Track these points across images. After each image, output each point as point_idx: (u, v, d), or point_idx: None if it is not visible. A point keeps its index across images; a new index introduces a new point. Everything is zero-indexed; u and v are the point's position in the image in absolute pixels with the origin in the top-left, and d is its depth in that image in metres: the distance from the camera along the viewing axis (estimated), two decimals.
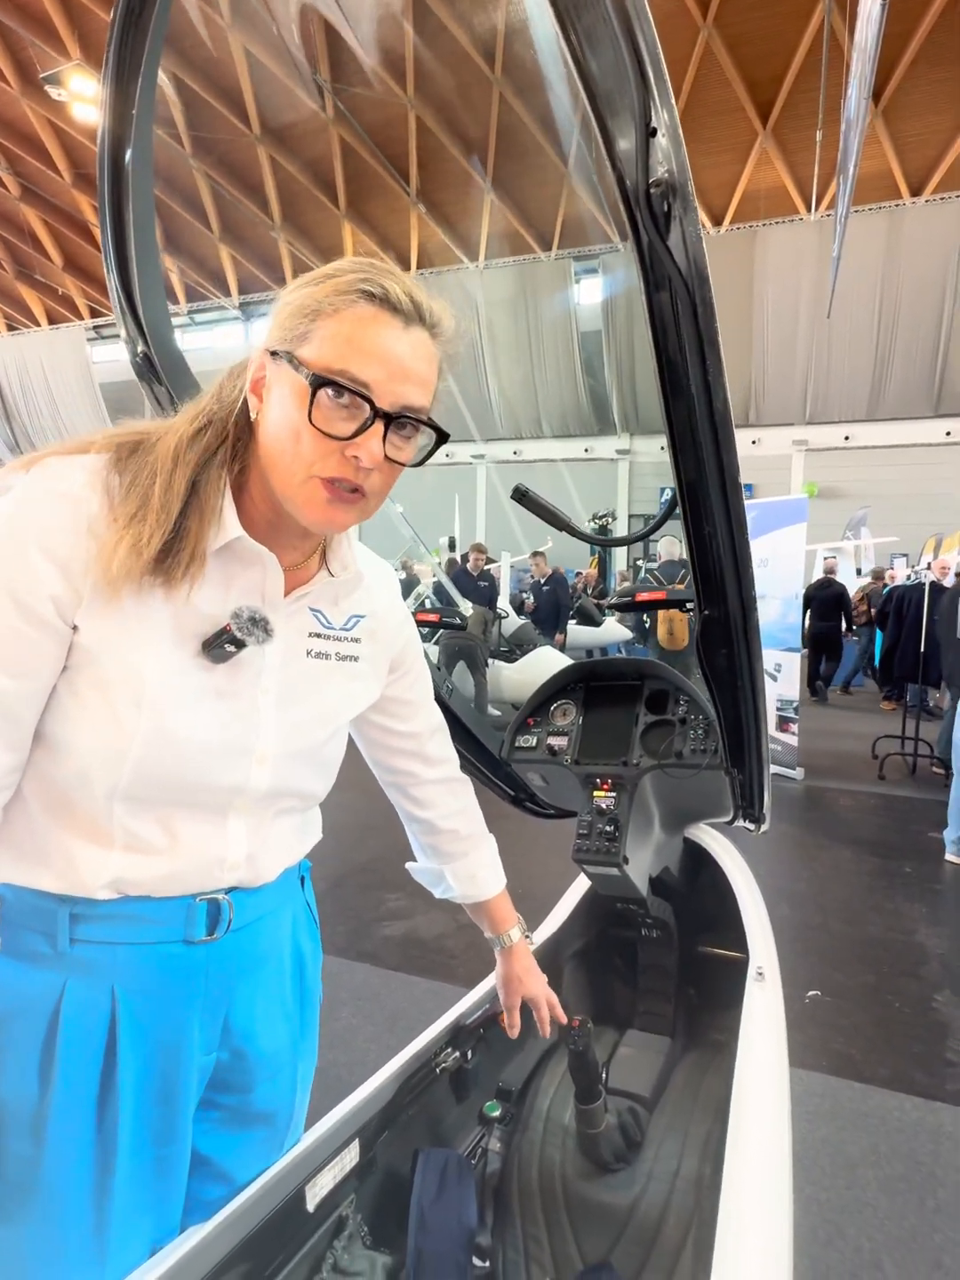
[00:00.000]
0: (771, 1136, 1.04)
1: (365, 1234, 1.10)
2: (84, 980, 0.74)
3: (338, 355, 0.68)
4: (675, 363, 0.72)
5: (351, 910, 3.42)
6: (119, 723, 0.69)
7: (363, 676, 0.89)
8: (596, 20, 0.58)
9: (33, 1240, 0.76)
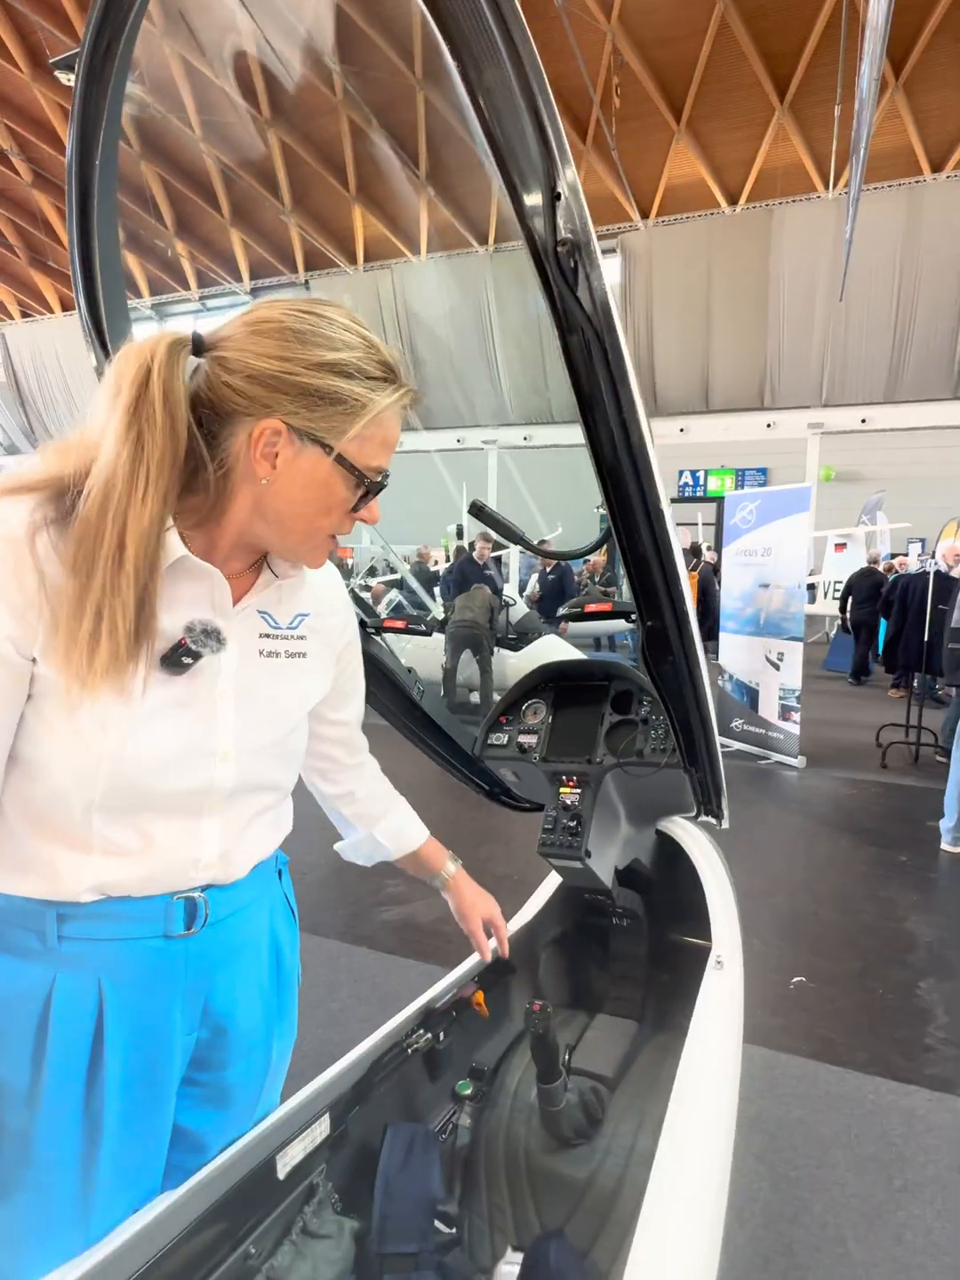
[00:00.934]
0: (710, 1113, 1.10)
1: (336, 1201, 1.18)
2: (72, 973, 0.81)
3: (376, 455, 0.80)
4: (592, 401, 0.77)
5: (352, 895, 3.52)
6: (87, 744, 0.75)
7: (312, 670, 0.95)
8: (504, 95, 0.63)
9: (24, 1206, 0.84)
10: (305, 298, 0.81)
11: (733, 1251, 1.71)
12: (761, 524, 5.81)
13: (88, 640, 0.69)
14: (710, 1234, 0.96)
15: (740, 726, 6.09)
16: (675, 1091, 1.11)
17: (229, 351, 0.76)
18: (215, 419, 0.77)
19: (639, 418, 0.78)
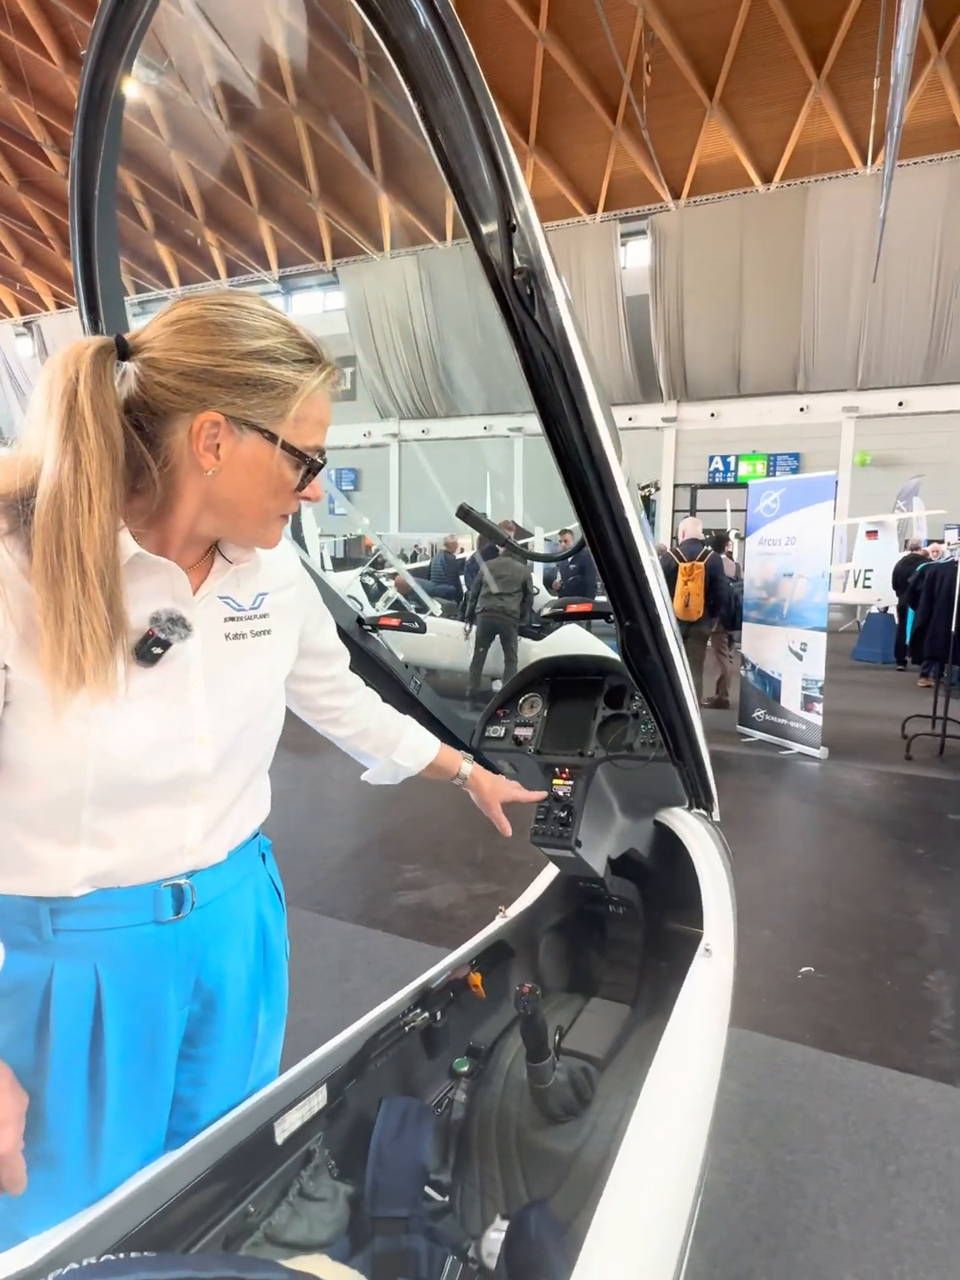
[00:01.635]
0: (686, 1090, 1.15)
1: (332, 1167, 1.25)
2: (69, 963, 0.87)
3: (312, 434, 0.84)
4: (555, 417, 0.80)
5: (370, 879, 3.61)
6: (71, 739, 0.79)
7: (278, 646, 0.99)
8: (461, 135, 0.67)
9: (35, 1172, 0.89)
10: (220, 291, 0.83)
11: (724, 1229, 1.77)
12: (785, 513, 5.75)
13: (75, 647, 0.73)
14: (676, 1202, 1.01)
15: (762, 717, 6.06)
16: (653, 1069, 1.16)
17: (156, 352, 0.78)
18: (153, 419, 0.79)
19: (599, 433, 0.81)
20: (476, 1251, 1.21)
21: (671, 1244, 0.95)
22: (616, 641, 1.12)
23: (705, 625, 6.40)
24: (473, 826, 4.22)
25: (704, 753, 1.39)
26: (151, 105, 15.66)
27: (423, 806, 4.64)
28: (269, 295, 21.68)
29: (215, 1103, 1.06)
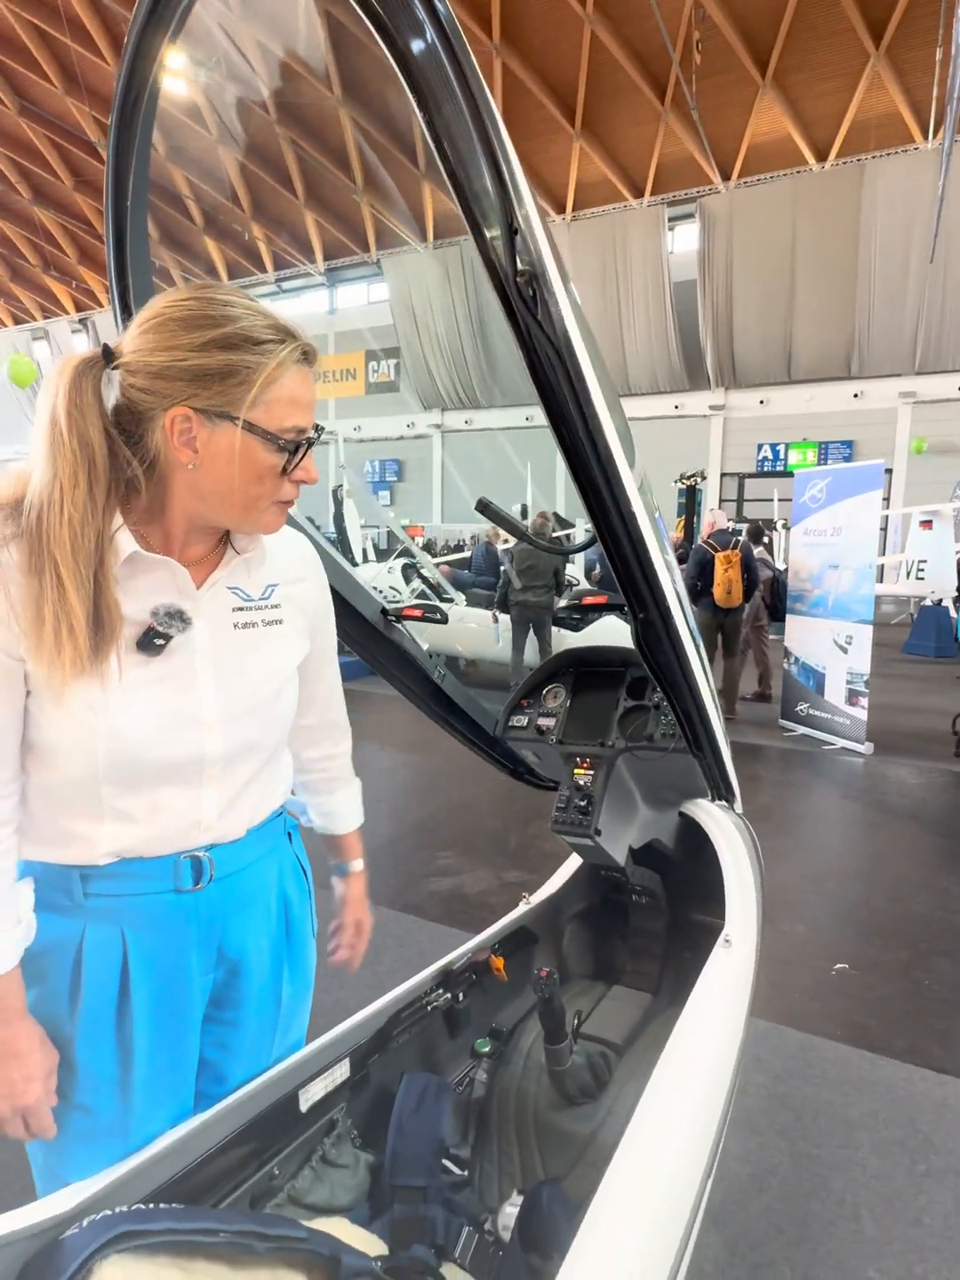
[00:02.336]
0: (697, 1076, 1.16)
1: (355, 1136, 1.31)
2: (98, 925, 0.93)
3: (287, 415, 0.84)
4: (561, 416, 0.82)
5: (403, 865, 3.67)
6: (81, 726, 0.85)
7: (289, 635, 1.02)
8: (465, 145, 0.69)
9: (70, 1119, 0.97)
10: (190, 285, 0.85)
11: (744, 1219, 1.78)
12: (831, 502, 5.62)
13: (52, 641, 0.78)
14: (678, 1185, 1.02)
15: (805, 711, 5.96)
16: (665, 1053, 1.17)
17: (128, 355, 0.82)
18: (136, 421, 0.83)
19: (604, 430, 0.83)
20: (493, 1224, 1.25)
21: (673, 1222, 0.97)
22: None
23: (739, 613, 6.37)
24: (505, 816, 4.26)
25: (722, 745, 1.40)
26: (200, 102, 15.90)
27: (458, 795, 4.70)
28: (314, 288, 22.13)
29: (241, 1068, 1.11)
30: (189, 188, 19.17)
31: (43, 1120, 0.93)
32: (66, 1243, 0.84)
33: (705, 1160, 1.11)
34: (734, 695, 6.46)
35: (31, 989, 0.93)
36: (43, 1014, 0.94)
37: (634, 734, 1.52)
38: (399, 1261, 1.11)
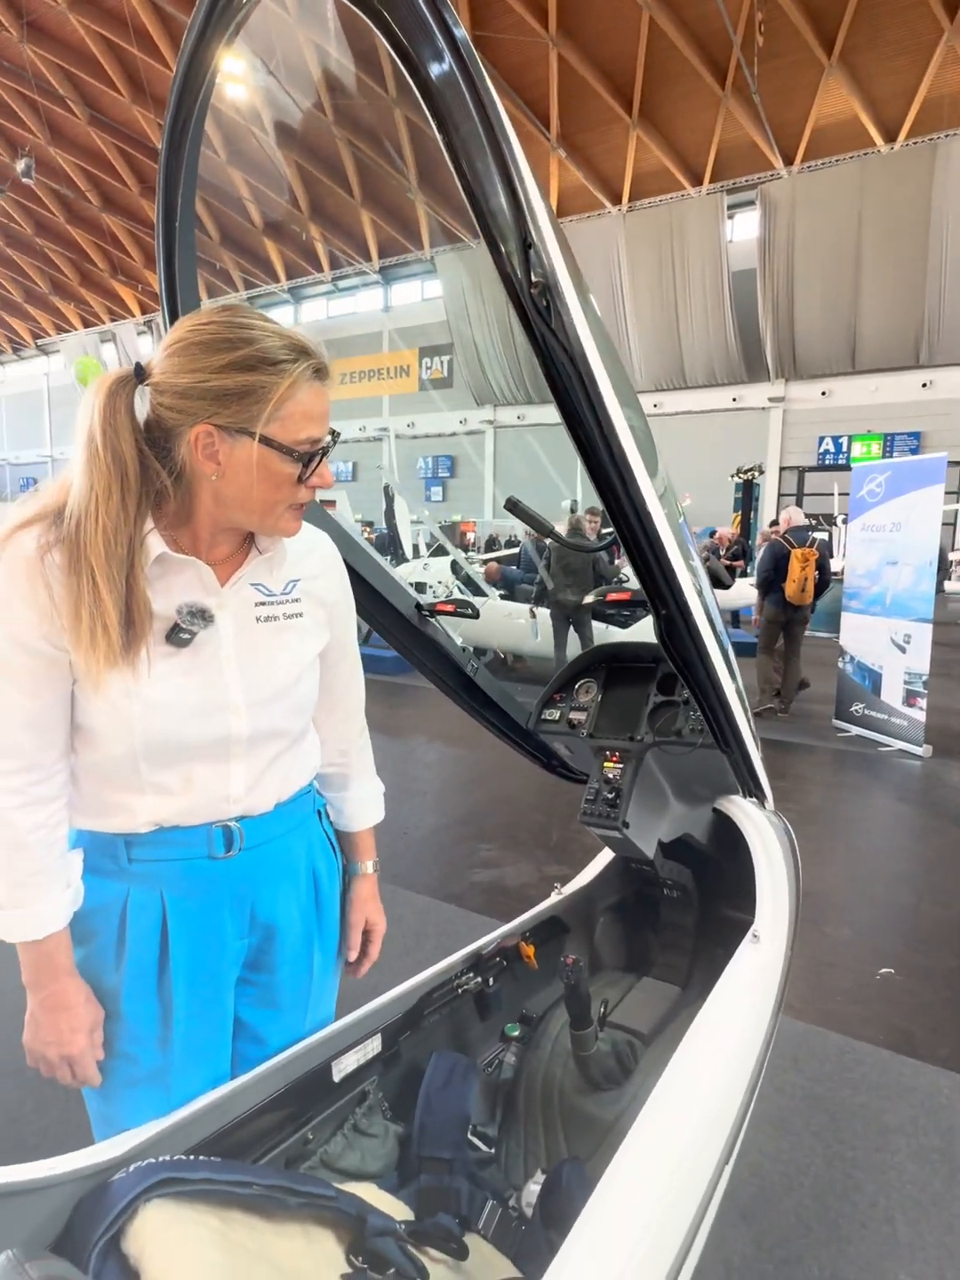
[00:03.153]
0: (714, 1069, 1.18)
1: (386, 1108, 1.37)
2: (141, 888, 1.03)
3: (301, 428, 0.91)
4: (576, 419, 0.85)
5: (446, 855, 3.74)
6: (119, 710, 0.94)
7: (309, 628, 1.09)
8: (482, 164, 0.73)
9: (117, 1068, 1.06)
10: (211, 308, 0.92)
11: (774, 1214, 1.78)
12: (891, 497, 5.46)
13: (88, 637, 0.87)
14: (695, 1168, 1.05)
15: (860, 711, 5.81)
16: (685, 1040, 1.19)
17: (157, 376, 0.89)
18: (165, 435, 0.91)
19: (618, 433, 0.86)
20: (517, 1201, 1.29)
21: (683, 1203, 1.00)
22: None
23: (808, 610, 6.31)
24: (548, 811, 4.29)
25: (749, 742, 1.41)
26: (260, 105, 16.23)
27: (501, 789, 4.74)
28: (369, 286, 22.37)
29: (278, 1031, 1.19)
30: (249, 190, 19.59)
31: (87, 1069, 1.02)
32: (114, 1185, 0.92)
33: (721, 1146, 1.13)
34: (791, 693, 6.38)
35: (81, 946, 1.02)
36: (92, 969, 1.03)
37: (663, 729, 1.55)
38: (424, 1227, 1.17)
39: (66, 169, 20.78)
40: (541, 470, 13.24)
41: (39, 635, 0.90)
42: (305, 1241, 1.04)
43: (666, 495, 1.04)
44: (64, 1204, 0.92)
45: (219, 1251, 0.92)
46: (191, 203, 1.13)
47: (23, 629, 0.90)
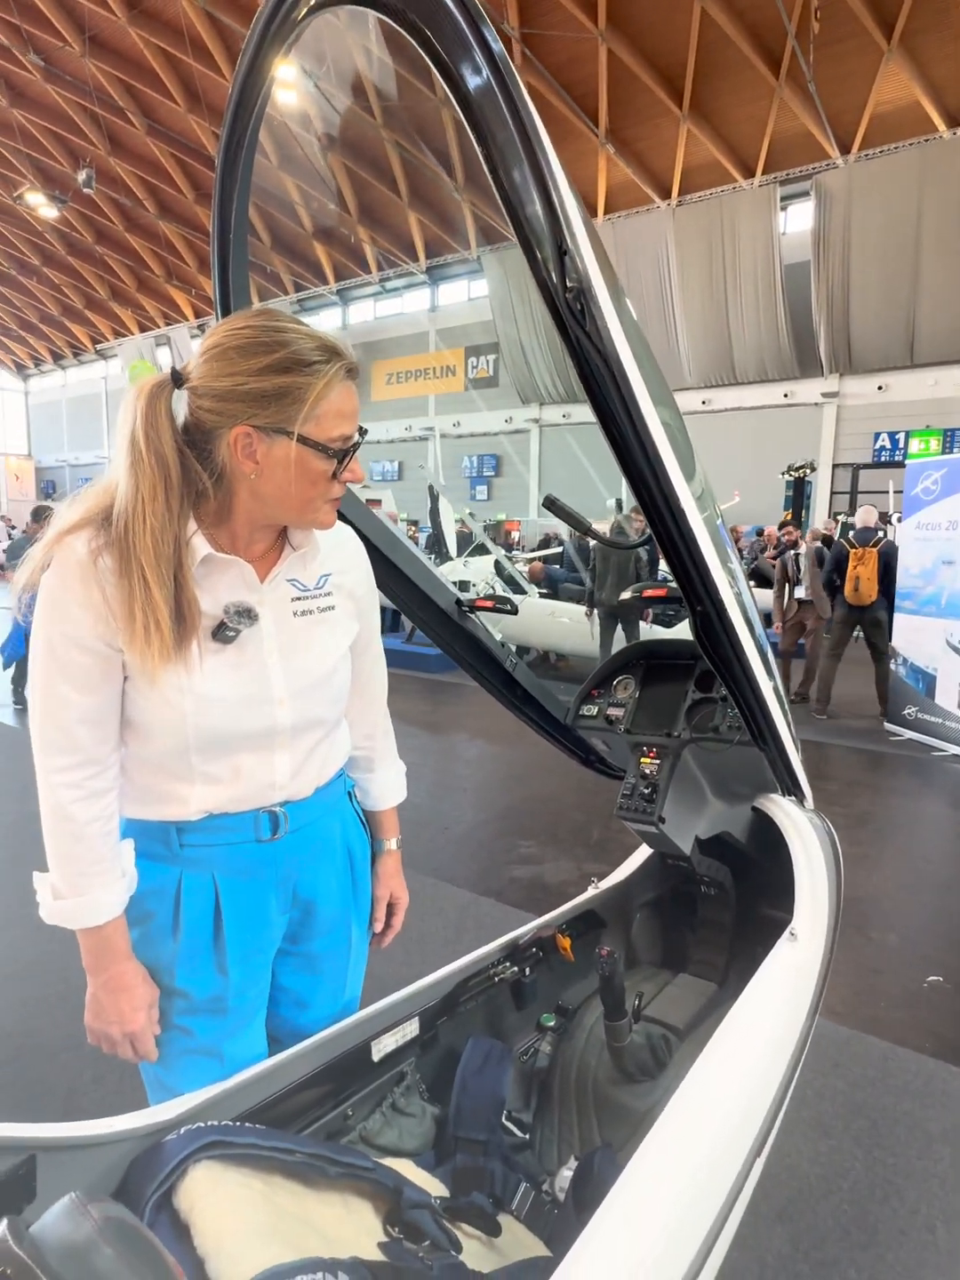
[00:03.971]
0: (743, 1064, 1.19)
1: (423, 1090, 1.41)
2: (193, 871, 1.08)
3: (335, 426, 0.94)
4: (611, 419, 0.87)
5: (487, 852, 3.77)
6: (171, 704, 0.98)
7: (342, 619, 1.14)
8: (520, 175, 0.76)
9: (176, 1043, 1.12)
10: (244, 313, 0.95)
11: (811, 1216, 1.77)
12: (947, 494, 5.30)
13: (143, 634, 0.91)
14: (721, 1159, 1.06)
15: (914, 715, 5.66)
16: (717, 1033, 1.20)
17: (195, 380, 0.93)
18: (204, 437, 0.95)
19: (651, 433, 0.87)
20: (550, 1186, 1.32)
21: (709, 1195, 1.00)
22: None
23: (878, 611, 6.18)
24: (589, 809, 4.29)
25: (787, 740, 1.40)
26: (310, 110, 16.48)
27: (542, 788, 4.76)
28: (416, 287, 22.54)
29: (320, 994, 1.26)
30: (299, 194, 19.91)
31: (147, 1045, 1.08)
32: (167, 1145, 0.97)
33: (751, 1138, 1.13)
34: (885, 698, 6.22)
35: (138, 927, 1.08)
36: (149, 948, 1.09)
37: (700, 725, 1.55)
38: (458, 1204, 1.20)
39: (125, 178, 21.39)
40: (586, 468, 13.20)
41: (94, 636, 0.95)
42: (344, 1210, 1.09)
43: (704, 496, 1.05)
44: (120, 1160, 0.98)
45: (264, 1213, 0.97)
46: (245, 211, 1.18)
47: (78, 630, 0.94)
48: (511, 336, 19.50)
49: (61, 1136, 0.92)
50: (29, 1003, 2.48)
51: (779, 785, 1.59)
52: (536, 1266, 1.08)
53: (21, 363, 35.73)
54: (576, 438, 18.97)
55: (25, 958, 2.74)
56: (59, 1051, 2.27)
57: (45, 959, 2.69)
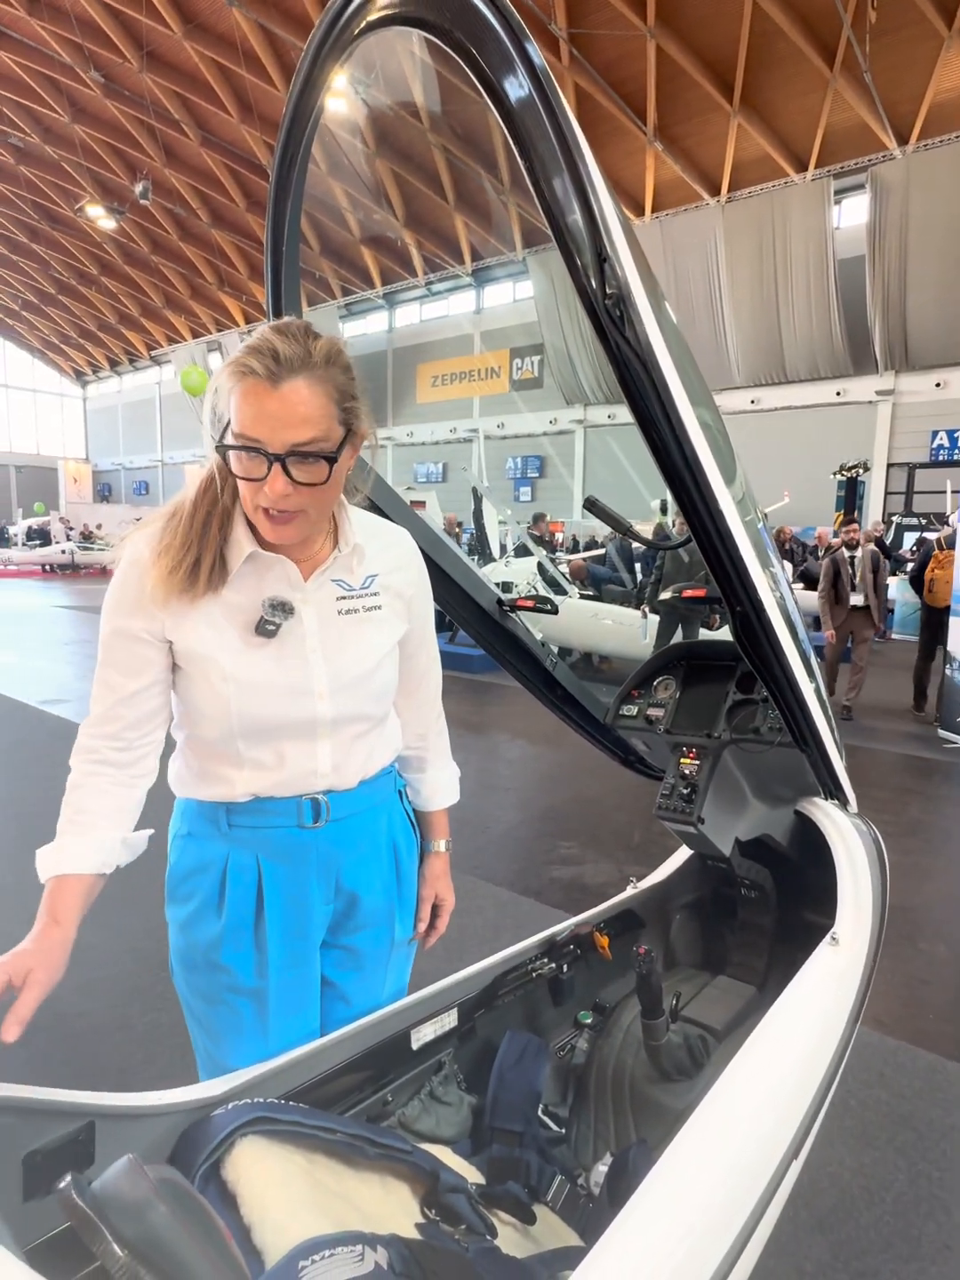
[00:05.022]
0: (779, 1067, 1.18)
1: (461, 1080, 1.43)
2: (240, 851, 1.14)
3: (238, 424, 0.94)
4: (650, 421, 0.89)
5: (527, 851, 3.79)
6: (217, 692, 1.05)
7: (388, 618, 1.17)
8: (561, 188, 0.78)
9: (222, 1014, 1.18)
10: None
11: (852, 1227, 1.75)
12: None
13: (169, 573, 1.01)
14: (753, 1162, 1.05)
15: None
16: (755, 1033, 1.20)
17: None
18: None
19: (689, 435, 0.89)
20: (586, 1180, 1.34)
21: (739, 1197, 1.00)
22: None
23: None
24: (631, 811, 4.27)
25: (828, 741, 1.39)
26: (360, 118, 16.70)
27: (584, 789, 4.75)
28: (461, 289, 22.67)
29: (361, 990, 1.29)
30: (347, 200, 20.19)
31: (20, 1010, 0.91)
32: (215, 1118, 1.02)
33: (788, 1139, 1.13)
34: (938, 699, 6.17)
35: (188, 903, 1.15)
36: (198, 923, 1.14)
37: (740, 726, 1.55)
38: (494, 1191, 1.23)
39: (179, 188, 21.96)
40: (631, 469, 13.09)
41: (143, 628, 1.04)
42: (383, 1190, 1.12)
43: (745, 499, 1.06)
44: (171, 1131, 1.03)
45: (306, 1187, 1.01)
46: (298, 220, 1.23)
47: (131, 622, 1.04)
48: (557, 337, 19.46)
49: (119, 1105, 0.98)
50: (84, 986, 2.58)
51: (821, 788, 1.57)
52: (570, 1255, 1.09)
53: (80, 370, 36.97)
54: (621, 439, 18.83)
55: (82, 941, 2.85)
56: (112, 1032, 2.36)
57: (99, 944, 2.80)
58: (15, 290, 30.94)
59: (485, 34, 0.80)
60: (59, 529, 24.65)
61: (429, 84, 15.63)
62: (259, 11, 15.49)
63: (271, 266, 1.32)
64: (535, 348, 20.83)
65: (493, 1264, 1.02)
